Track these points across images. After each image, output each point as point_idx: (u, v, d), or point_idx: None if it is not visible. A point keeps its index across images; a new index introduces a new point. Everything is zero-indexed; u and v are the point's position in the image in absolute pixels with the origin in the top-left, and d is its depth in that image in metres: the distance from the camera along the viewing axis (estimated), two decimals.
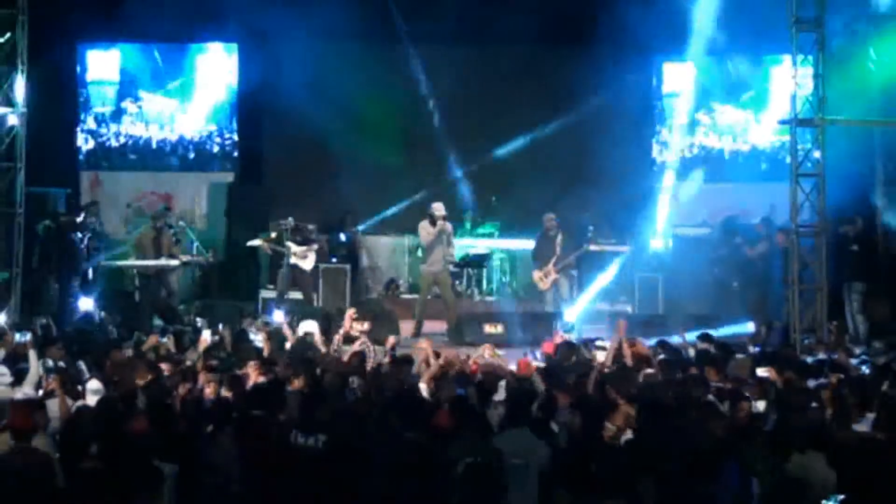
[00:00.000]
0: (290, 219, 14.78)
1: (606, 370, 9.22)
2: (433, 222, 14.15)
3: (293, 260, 14.52)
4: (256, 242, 14.83)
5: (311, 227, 15.22)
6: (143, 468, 6.09)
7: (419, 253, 14.91)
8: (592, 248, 14.60)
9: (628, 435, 7.04)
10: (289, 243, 14.57)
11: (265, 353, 10.07)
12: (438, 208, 14.22)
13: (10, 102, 13.57)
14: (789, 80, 12.81)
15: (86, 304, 13.39)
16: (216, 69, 16.89)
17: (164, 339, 10.62)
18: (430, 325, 14.20)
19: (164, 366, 8.97)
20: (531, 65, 16.75)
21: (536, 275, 14.30)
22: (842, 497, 5.80)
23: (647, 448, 6.37)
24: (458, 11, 15.64)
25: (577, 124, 16.33)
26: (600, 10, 15.45)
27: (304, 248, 14.63)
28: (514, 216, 16.29)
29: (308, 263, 14.69)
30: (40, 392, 8.08)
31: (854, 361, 10.44)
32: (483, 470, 5.90)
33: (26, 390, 8.02)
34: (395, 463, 6.33)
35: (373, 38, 16.39)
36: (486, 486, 5.78)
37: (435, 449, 6.61)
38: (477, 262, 15.88)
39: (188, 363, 9.46)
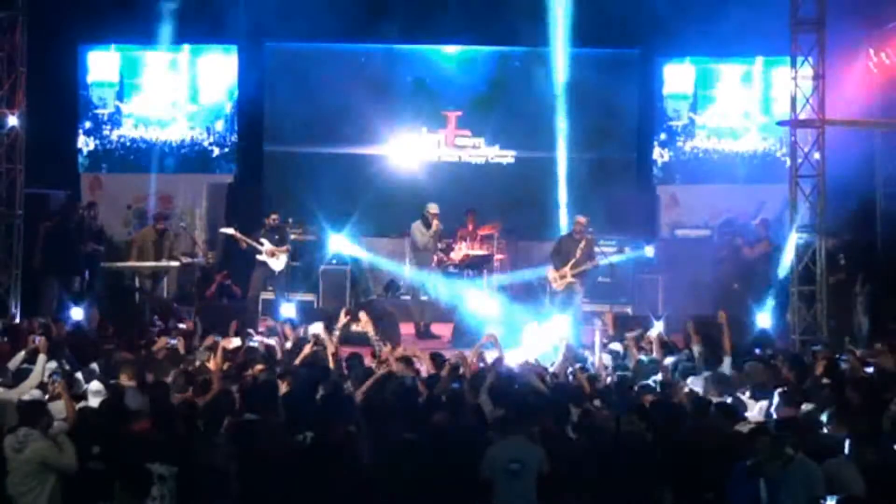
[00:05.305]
0: (275, 216, 14.23)
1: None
2: (427, 223, 14.12)
3: (261, 257, 13.97)
4: (230, 230, 14.18)
5: (292, 229, 14.85)
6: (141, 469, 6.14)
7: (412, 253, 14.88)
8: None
9: None
10: (263, 240, 14.03)
11: (278, 355, 10.08)
12: (432, 208, 14.18)
13: (10, 104, 13.56)
14: (789, 80, 12.84)
15: (81, 307, 13.31)
16: (216, 71, 16.88)
17: (174, 341, 10.57)
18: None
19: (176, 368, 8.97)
20: (531, 65, 16.74)
21: (552, 273, 13.54)
22: (839, 497, 5.84)
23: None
24: (456, 13, 15.65)
25: (577, 125, 16.37)
26: (600, 11, 15.50)
27: (276, 247, 14.05)
28: (515, 218, 16.29)
29: (277, 264, 14.06)
30: (45, 396, 8.07)
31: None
32: None
33: (34, 393, 8.00)
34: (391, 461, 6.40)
35: (371, 39, 16.39)
36: None
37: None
38: (476, 262, 15.84)
39: (197, 363, 9.45)
